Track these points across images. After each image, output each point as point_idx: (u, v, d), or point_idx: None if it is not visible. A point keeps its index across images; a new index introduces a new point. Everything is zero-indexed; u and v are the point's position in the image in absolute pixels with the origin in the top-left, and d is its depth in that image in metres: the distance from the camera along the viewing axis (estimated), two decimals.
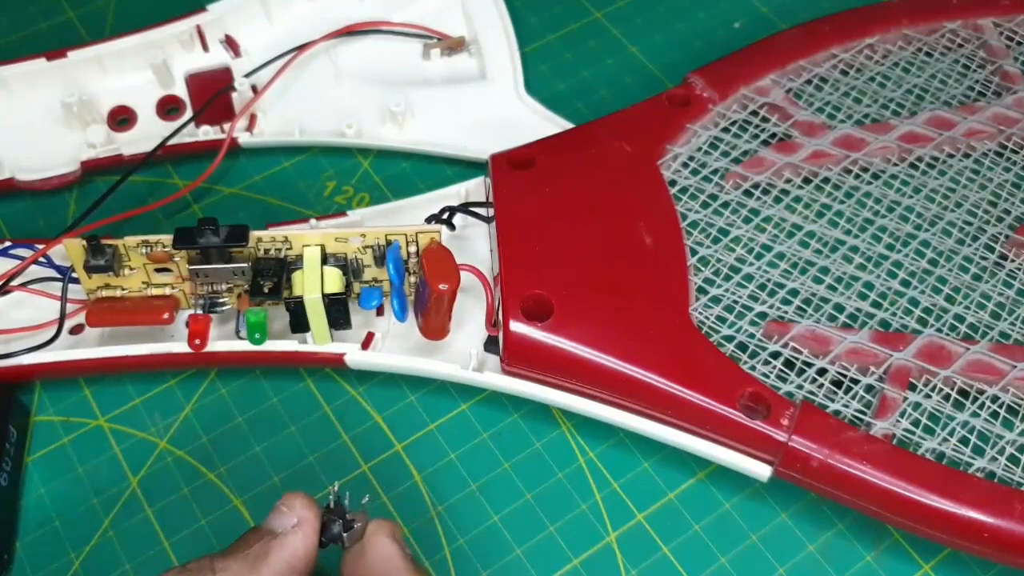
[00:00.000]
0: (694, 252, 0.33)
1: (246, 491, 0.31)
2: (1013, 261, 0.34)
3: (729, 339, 0.31)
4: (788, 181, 0.35)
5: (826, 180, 0.36)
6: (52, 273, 0.32)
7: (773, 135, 0.37)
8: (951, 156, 0.37)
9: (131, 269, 0.31)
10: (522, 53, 0.40)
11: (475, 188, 0.35)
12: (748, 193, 0.35)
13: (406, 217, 0.34)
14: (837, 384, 0.30)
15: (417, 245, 0.31)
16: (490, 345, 0.32)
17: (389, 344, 0.32)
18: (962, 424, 0.29)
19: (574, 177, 0.33)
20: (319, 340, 0.31)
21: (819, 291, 0.32)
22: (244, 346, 0.31)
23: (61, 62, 0.37)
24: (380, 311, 0.32)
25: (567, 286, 0.31)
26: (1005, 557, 0.28)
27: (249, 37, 0.39)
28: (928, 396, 0.30)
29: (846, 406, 0.30)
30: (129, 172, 0.35)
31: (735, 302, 0.32)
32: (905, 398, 0.30)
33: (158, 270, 0.31)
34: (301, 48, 0.38)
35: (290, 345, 0.31)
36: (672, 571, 0.29)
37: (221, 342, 0.31)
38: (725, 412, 0.29)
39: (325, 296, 0.30)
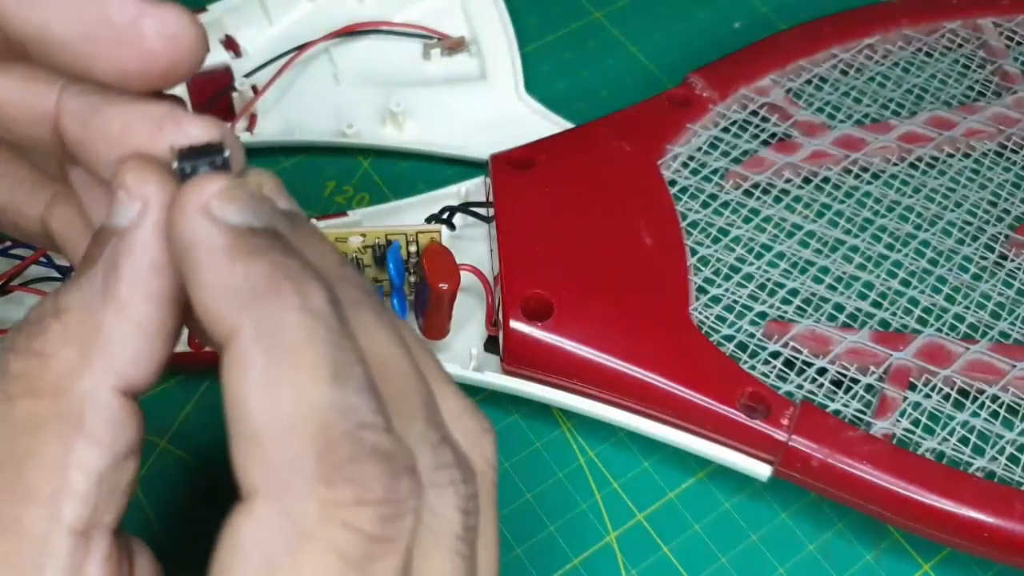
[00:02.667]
0: (694, 252, 0.33)
1: None
2: (1013, 261, 0.34)
3: (729, 339, 0.31)
4: (788, 181, 0.35)
5: (826, 180, 0.36)
6: (52, 273, 0.32)
7: (773, 135, 0.37)
8: (951, 156, 0.37)
9: None
10: (522, 53, 0.40)
11: (475, 188, 0.35)
12: (748, 193, 0.35)
13: (406, 217, 0.34)
14: (837, 384, 0.30)
15: (417, 245, 0.31)
16: (490, 345, 0.32)
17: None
18: (962, 424, 0.29)
19: (574, 177, 0.33)
20: None
21: (819, 291, 0.32)
22: None
23: None
24: None
25: (567, 286, 0.31)
26: (1005, 557, 0.28)
27: (249, 37, 0.39)
28: (928, 396, 0.30)
29: (846, 406, 0.30)
30: None
31: (735, 302, 0.32)
32: (905, 398, 0.30)
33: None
34: (301, 48, 0.38)
35: None
36: (672, 571, 0.29)
37: None
38: (725, 412, 0.29)
39: None
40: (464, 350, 0.31)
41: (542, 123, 0.37)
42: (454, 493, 0.17)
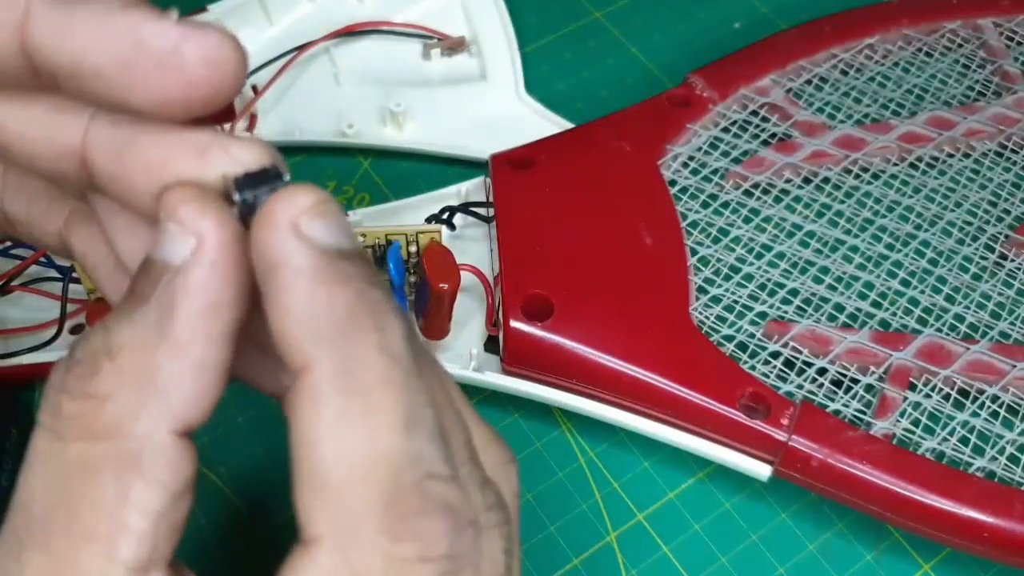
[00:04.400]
0: (694, 252, 0.33)
1: (246, 491, 0.31)
2: (1013, 261, 0.34)
3: (729, 339, 0.31)
4: (788, 181, 0.35)
5: (826, 180, 0.36)
6: (52, 273, 0.32)
7: (773, 135, 0.37)
8: (951, 156, 0.37)
9: None
10: (522, 53, 0.40)
11: (475, 188, 0.35)
12: (748, 193, 0.35)
13: (406, 217, 0.34)
14: (837, 384, 0.30)
15: (417, 245, 0.31)
16: (490, 345, 0.32)
17: None
18: (962, 424, 0.29)
19: (574, 177, 0.33)
20: None
21: (819, 291, 0.32)
22: None
23: None
24: None
25: (567, 286, 0.31)
26: (1005, 557, 0.28)
27: (249, 37, 0.39)
28: (928, 396, 0.30)
29: (846, 406, 0.30)
30: None
31: (735, 302, 0.32)
32: (905, 398, 0.30)
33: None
34: (301, 48, 0.38)
35: None
36: (672, 571, 0.29)
37: None
38: (725, 412, 0.29)
39: None
40: (464, 350, 0.31)
41: (542, 123, 0.37)
42: (499, 535, 0.17)
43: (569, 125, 0.37)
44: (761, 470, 0.29)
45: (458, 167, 0.38)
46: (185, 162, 0.16)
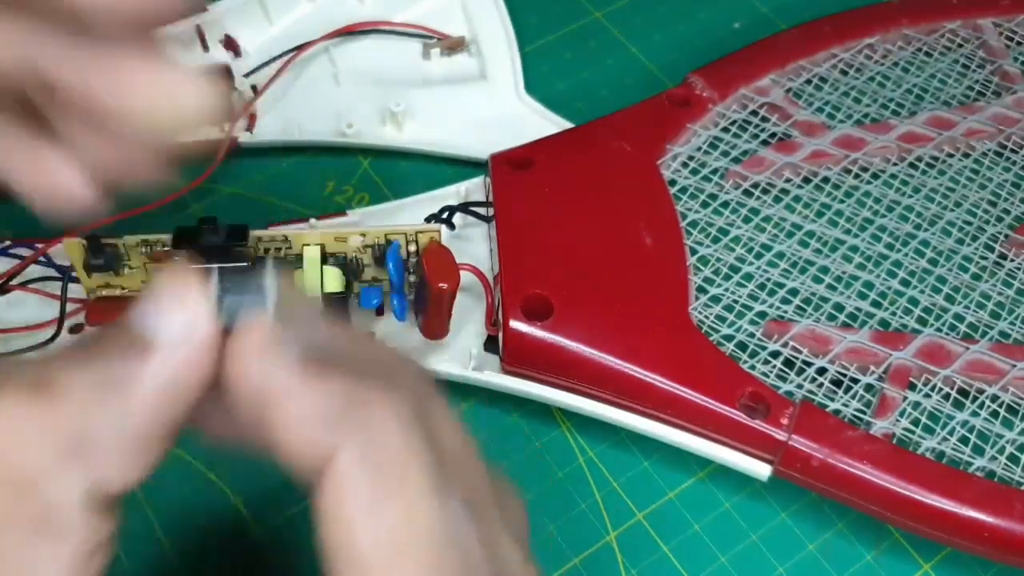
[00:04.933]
0: (694, 251, 0.33)
1: (246, 490, 0.31)
2: (1013, 260, 0.34)
3: (729, 338, 0.31)
4: (788, 181, 0.35)
5: (826, 180, 0.36)
6: (52, 272, 0.32)
7: (773, 135, 0.37)
8: (951, 156, 0.37)
9: (131, 268, 0.31)
10: (522, 53, 0.40)
11: (475, 188, 0.35)
12: (748, 193, 0.35)
13: (406, 217, 0.34)
14: (837, 383, 0.30)
15: (417, 245, 0.31)
16: (490, 345, 0.32)
17: (389, 344, 0.32)
18: (962, 423, 0.29)
19: (574, 177, 0.33)
20: None
21: (819, 290, 0.32)
22: None
23: None
24: (380, 311, 0.32)
25: (567, 286, 0.31)
26: (1005, 556, 0.28)
27: (249, 37, 0.39)
28: (928, 395, 0.30)
29: (846, 405, 0.30)
30: None
31: (735, 301, 0.32)
32: (905, 397, 0.30)
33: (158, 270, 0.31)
34: (301, 48, 0.38)
35: None
36: (672, 570, 0.29)
37: None
38: (725, 411, 0.29)
39: (325, 295, 0.30)
40: (464, 350, 0.31)
41: (542, 123, 0.37)
42: None
43: (569, 125, 0.37)
44: (761, 470, 0.29)
45: (458, 167, 0.38)
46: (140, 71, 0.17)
